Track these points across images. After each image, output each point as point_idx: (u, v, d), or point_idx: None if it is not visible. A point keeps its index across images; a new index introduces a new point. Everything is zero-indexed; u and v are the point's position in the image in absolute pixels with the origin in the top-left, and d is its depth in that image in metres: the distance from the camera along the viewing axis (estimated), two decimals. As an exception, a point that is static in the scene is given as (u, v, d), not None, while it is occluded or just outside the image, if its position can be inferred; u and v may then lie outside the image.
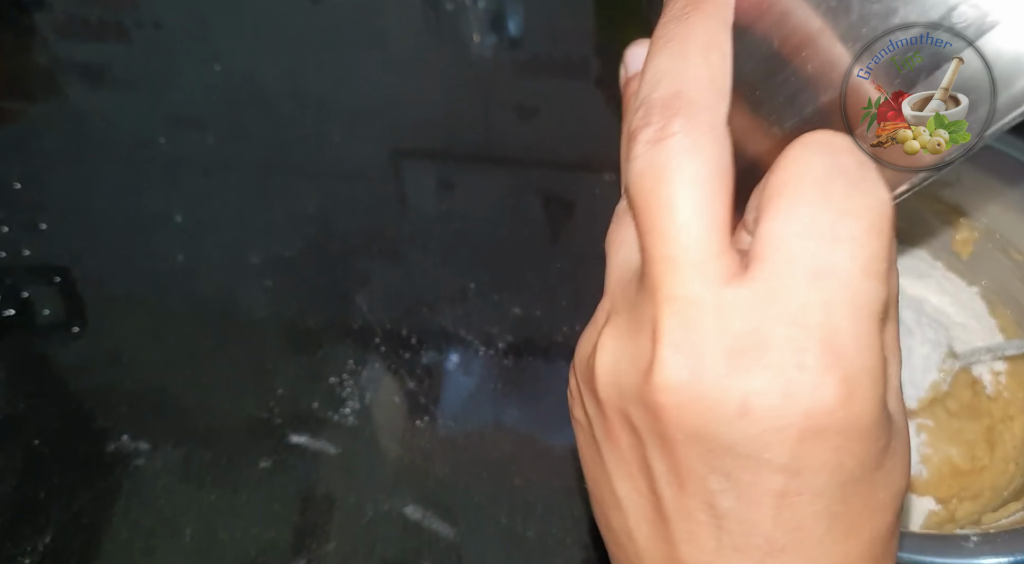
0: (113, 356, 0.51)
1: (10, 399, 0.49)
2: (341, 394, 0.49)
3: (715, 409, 0.18)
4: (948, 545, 0.34)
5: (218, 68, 0.65)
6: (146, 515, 0.45)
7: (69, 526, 0.44)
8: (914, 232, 0.51)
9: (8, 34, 0.68)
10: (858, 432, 0.18)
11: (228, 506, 0.45)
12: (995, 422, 0.46)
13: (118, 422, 0.48)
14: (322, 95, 0.64)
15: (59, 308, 0.54)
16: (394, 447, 0.47)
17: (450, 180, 0.60)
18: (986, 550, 0.34)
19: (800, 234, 0.18)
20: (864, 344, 0.18)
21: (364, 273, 0.54)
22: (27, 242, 0.56)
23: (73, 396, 0.49)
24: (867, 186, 0.20)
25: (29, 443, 0.47)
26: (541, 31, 0.71)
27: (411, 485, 0.45)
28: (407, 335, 0.51)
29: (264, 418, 0.48)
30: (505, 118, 0.64)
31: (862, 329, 0.18)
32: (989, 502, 0.42)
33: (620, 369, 0.20)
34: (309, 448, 0.47)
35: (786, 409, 0.17)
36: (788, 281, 0.18)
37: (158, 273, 0.55)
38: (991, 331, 0.49)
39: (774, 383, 0.17)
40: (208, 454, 0.47)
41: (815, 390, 0.17)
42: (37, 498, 0.45)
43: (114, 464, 0.46)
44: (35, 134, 0.62)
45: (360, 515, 0.44)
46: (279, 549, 0.43)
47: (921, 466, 0.44)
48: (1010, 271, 0.48)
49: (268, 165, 0.60)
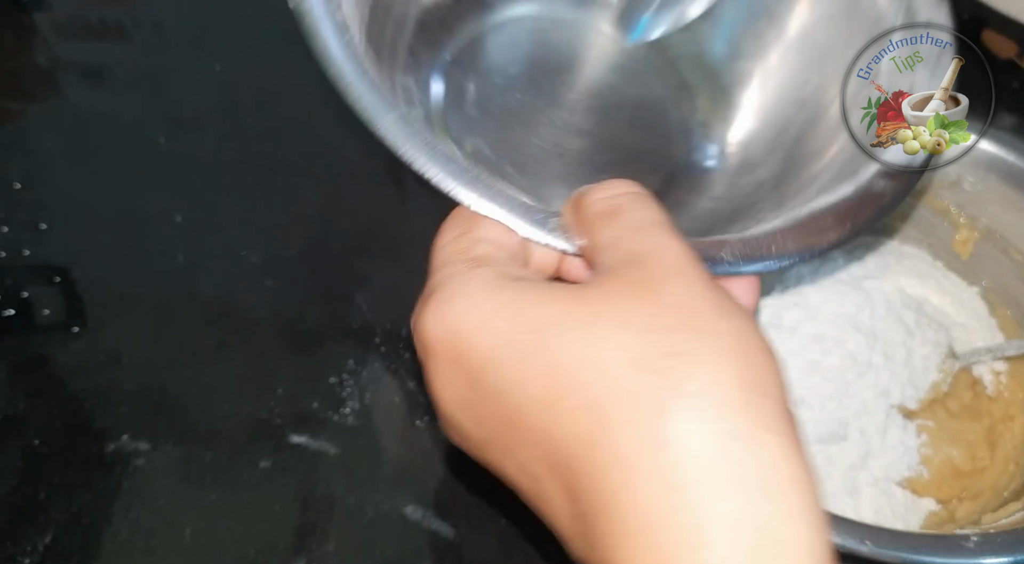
0: (113, 356, 0.51)
1: (10, 399, 0.49)
2: (341, 394, 0.49)
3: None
4: (948, 545, 0.35)
5: (218, 68, 0.65)
6: (146, 515, 0.45)
7: (69, 526, 0.44)
8: (915, 232, 0.51)
9: (8, 34, 0.68)
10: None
11: (228, 506, 0.45)
12: (996, 422, 0.46)
13: (118, 422, 0.48)
14: (322, 95, 0.64)
15: (59, 308, 0.54)
16: (394, 447, 0.47)
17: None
18: (986, 550, 0.34)
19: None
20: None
21: (364, 273, 0.54)
22: (27, 242, 0.56)
23: (73, 396, 0.49)
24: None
25: (29, 443, 0.47)
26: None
27: (411, 485, 0.45)
28: (407, 335, 0.51)
29: (264, 418, 0.48)
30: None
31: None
32: (989, 502, 0.42)
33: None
34: (309, 448, 0.47)
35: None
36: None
37: (158, 273, 0.55)
38: (991, 331, 0.49)
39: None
40: (208, 454, 0.47)
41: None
42: (37, 498, 0.45)
43: (114, 464, 0.46)
44: (35, 134, 0.62)
45: (360, 515, 0.44)
46: (279, 549, 0.43)
47: (922, 467, 0.44)
48: (1010, 271, 0.48)
49: (268, 165, 0.60)
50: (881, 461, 0.43)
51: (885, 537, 0.34)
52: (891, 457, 0.43)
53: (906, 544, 0.34)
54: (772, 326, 0.45)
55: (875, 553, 0.34)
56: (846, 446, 0.43)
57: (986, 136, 0.45)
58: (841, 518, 0.35)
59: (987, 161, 0.46)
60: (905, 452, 0.44)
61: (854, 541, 0.34)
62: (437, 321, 0.25)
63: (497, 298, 0.24)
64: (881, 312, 0.45)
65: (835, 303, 0.45)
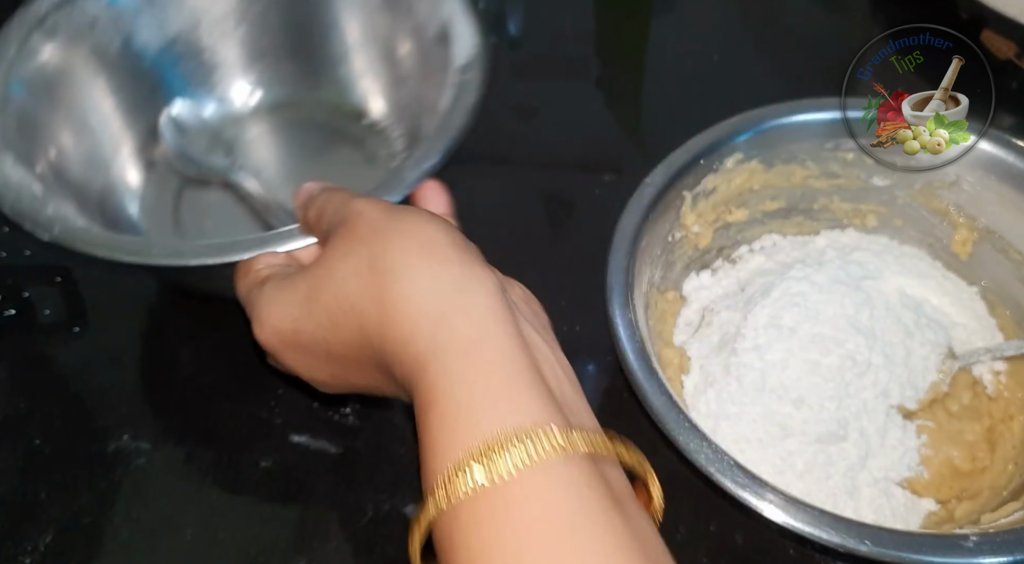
0: (114, 356, 0.51)
1: (11, 399, 0.49)
2: (342, 394, 0.49)
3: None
4: (947, 545, 0.35)
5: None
6: (147, 514, 0.45)
7: (70, 525, 0.44)
8: (914, 232, 0.51)
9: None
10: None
11: (229, 505, 0.45)
12: (995, 422, 0.46)
13: (119, 421, 0.48)
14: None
15: (60, 308, 0.54)
16: (394, 447, 0.47)
17: (450, 180, 0.60)
18: (985, 550, 0.34)
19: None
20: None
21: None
22: (28, 242, 0.56)
23: (74, 396, 0.49)
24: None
25: (30, 442, 0.47)
26: (541, 31, 0.71)
27: (411, 484, 0.45)
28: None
29: (264, 418, 0.48)
30: (505, 118, 0.64)
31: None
32: (988, 502, 0.42)
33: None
34: (310, 448, 0.47)
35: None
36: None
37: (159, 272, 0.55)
38: (991, 331, 0.49)
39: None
40: (209, 453, 0.47)
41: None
42: (38, 497, 0.45)
43: (115, 463, 0.46)
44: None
45: (360, 514, 0.44)
46: (279, 548, 0.43)
47: (921, 467, 0.44)
48: (1009, 271, 0.48)
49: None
50: (881, 461, 0.43)
51: (884, 537, 0.34)
52: (891, 457, 0.43)
53: (905, 543, 0.34)
54: (772, 326, 0.45)
55: (874, 553, 0.34)
56: (846, 446, 0.43)
57: (985, 136, 0.45)
58: (840, 517, 0.35)
59: (987, 161, 0.46)
60: (905, 453, 0.44)
61: (854, 541, 0.34)
62: (262, 329, 0.36)
63: (283, 294, 0.36)
64: (880, 312, 0.45)
65: (835, 304, 0.45)
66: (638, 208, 0.45)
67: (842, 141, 0.48)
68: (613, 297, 0.42)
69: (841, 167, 0.50)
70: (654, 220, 0.45)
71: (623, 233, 0.44)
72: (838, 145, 0.48)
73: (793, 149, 0.49)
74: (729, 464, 0.36)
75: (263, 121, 0.59)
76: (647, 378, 0.39)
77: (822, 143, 0.49)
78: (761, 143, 0.48)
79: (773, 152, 0.49)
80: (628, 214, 0.45)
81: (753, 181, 0.50)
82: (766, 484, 0.36)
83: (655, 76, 0.68)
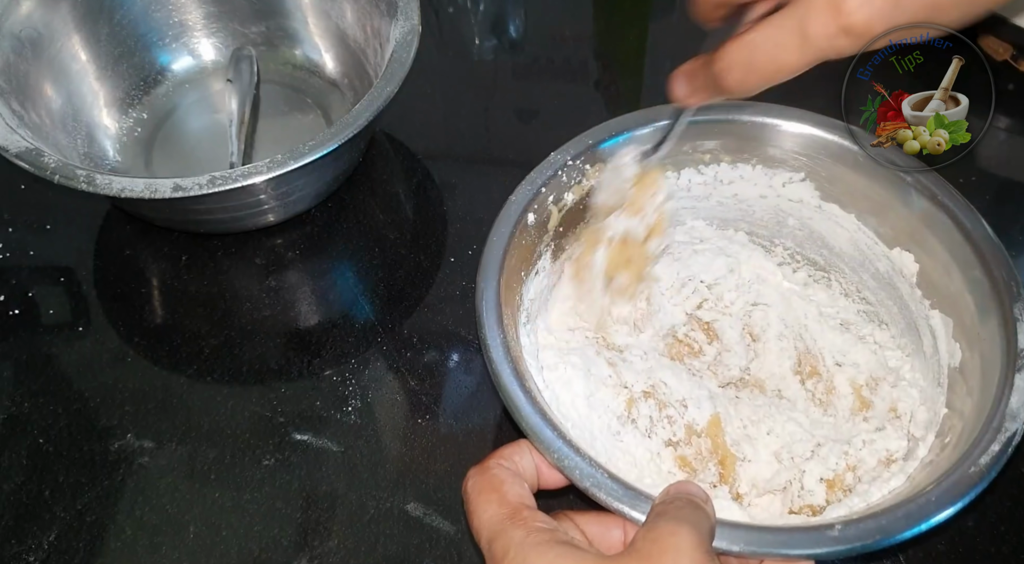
0: (118, 355, 0.51)
1: (15, 398, 0.49)
2: (343, 393, 0.49)
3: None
4: (813, 536, 0.34)
5: (221, 70, 0.65)
6: (150, 513, 0.45)
7: (74, 524, 0.44)
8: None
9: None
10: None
11: (232, 504, 0.45)
12: None
13: (122, 421, 0.48)
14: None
15: (64, 308, 0.54)
16: (396, 445, 0.47)
17: (450, 180, 0.60)
18: (851, 536, 0.34)
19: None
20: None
21: (365, 273, 0.55)
22: (32, 242, 0.57)
23: (78, 395, 0.49)
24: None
25: (34, 442, 0.47)
26: (541, 34, 0.71)
27: (413, 483, 0.46)
28: (408, 334, 0.51)
29: (267, 416, 0.48)
30: (505, 120, 0.65)
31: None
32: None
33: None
34: (312, 446, 0.47)
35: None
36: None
37: (161, 273, 0.55)
38: None
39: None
40: (212, 452, 0.47)
41: None
42: (42, 496, 0.45)
43: (118, 462, 0.47)
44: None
45: (362, 512, 0.45)
46: (282, 546, 0.44)
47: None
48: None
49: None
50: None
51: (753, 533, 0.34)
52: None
53: (768, 538, 0.34)
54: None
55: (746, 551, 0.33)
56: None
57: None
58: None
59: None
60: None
61: (725, 542, 0.34)
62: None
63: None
64: None
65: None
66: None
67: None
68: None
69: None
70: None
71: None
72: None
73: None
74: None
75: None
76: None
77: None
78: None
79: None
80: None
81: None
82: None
83: (654, 79, 0.68)
